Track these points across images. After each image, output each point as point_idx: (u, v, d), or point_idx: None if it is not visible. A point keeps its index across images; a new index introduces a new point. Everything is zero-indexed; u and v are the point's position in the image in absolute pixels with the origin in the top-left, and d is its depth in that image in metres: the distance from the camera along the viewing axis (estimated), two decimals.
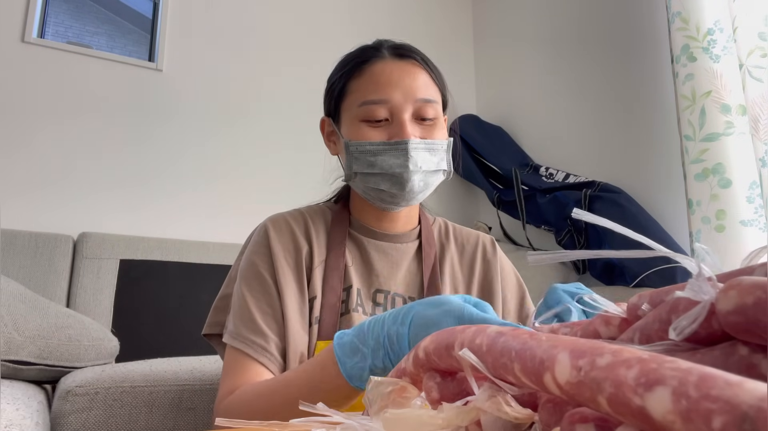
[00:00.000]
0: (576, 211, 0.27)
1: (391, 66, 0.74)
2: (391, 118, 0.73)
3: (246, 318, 0.70)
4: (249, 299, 0.71)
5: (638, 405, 0.15)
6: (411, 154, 0.70)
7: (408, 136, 0.71)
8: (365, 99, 0.73)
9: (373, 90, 0.73)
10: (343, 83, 0.77)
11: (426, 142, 0.72)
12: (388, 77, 0.73)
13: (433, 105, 0.74)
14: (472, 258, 0.84)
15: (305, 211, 0.81)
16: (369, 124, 0.73)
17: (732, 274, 0.23)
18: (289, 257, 0.74)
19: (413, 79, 0.74)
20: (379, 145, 0.71)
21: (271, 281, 0.72)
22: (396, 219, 0.81)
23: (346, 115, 0.76)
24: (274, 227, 0.76)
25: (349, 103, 0.75)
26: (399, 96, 0.72)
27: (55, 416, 0.92)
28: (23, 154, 1.75)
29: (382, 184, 0.72)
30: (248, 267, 0.74)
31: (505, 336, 0.23)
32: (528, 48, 2.45)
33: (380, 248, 0.79)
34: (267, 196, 2.06)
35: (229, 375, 0.68)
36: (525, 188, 2.18)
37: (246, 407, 0.61)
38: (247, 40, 2.21)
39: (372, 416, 0.28)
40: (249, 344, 0.68)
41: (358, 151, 0.73)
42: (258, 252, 0.74)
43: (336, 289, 0.74)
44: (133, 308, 1.60)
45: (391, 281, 0.78)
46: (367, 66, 0.75)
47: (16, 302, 1.05)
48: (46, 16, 1.95)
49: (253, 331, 0.69)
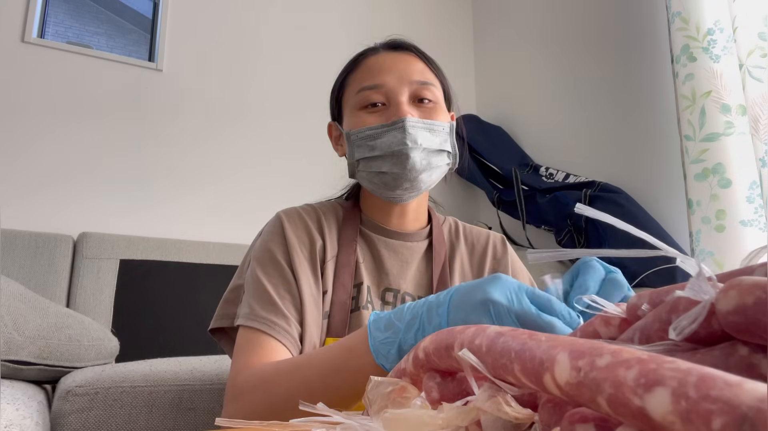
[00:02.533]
0: (579, 206, 0.27)
1: (385, 56, 0.77)
2: (388, 102, 0.73)
3: (264, 300, 0.68)
4: (267, 283, 0.69)
5: (638, 406, 0.15)
6: (409, 131, 0.70)
7: (405, 114, 0.71)
8: (361, 86, 0.74)
9: (368, 77, 0.74)
10: (342, 80, 0.79)
11: (425, 122, 0.72)
12: (382, 65, 0.75)
13: (431, 88, 0.75)
14: (482, 257, 0.84)
15: (317, 206, 0.81)
16: (366, 110, 0.74)
17: (732, 274, 0.23)
18: (305, 249, 0.73)
19: (407, 64, 0.75)
20: (378, 128, 0.72)
21: (288, 268, 0.71)
22: (405, 214, 0.80)
23: (346, 109, 0.77)
24: (289, 219, 0.76)
25: (348, 96, 0.77)
26: (393, 80, 0.73)
27: (55, 416, 0.92)
28: (23, 154, 1.75)
29: (384, 165, 0.72)
30: (264, 254, 0.73)
31: (504, 337, 0.23)
32: (528, 48, 2.45)
33: (390, 246, 0.79)
34: (267, 195, 2.06)
35: (243, 353, 0.64)
36: (525, 188, 2.18)
37: (265, 384, 0.58)
38: (247, 40, 2.21)
39: (372, 416, 0.28)
40: (268, 324, 0.65)
41: (358, 138, 0.73)
42: (274, 241, 0.73)
43: (346, 286, 0.73)
44: (133, 308, 1.60)
45: (400, 280, 0.77)
46: (363, 59, 0.78)
47: (16, 302, 1.05)
48: (46, 16, 1.95)
49: (273, 312, 0.66)
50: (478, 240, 0.86)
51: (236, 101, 2.14)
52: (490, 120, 2.53)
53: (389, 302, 0.76)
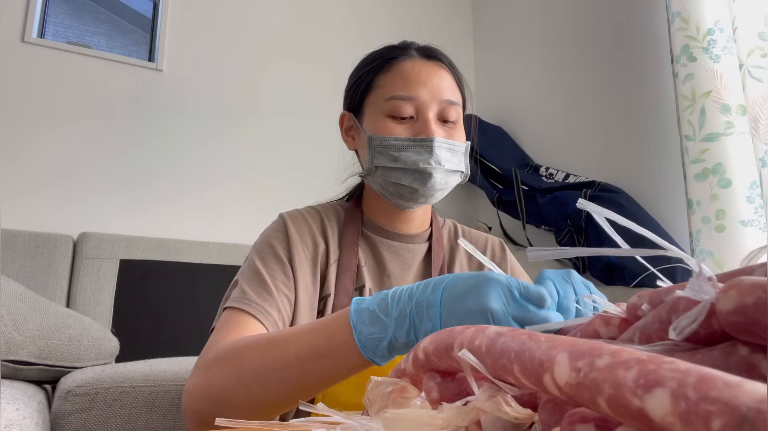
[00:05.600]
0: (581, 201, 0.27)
1: (420, 65, 0.76)
2: (417, 115, 0.73)
3: (259, 287, 0.67)
4: (264, 272, 0.68)
5: (638, 407, 0.15)
6: (435, 151, 0.71)
7: (434, 133, 0.72)
8: (393, 94, 0.74)
9: (402, 86, 0.74)
10: (371, 78, 0.78)
11: (448, 142, 0.73)
12: (417, 75, 0.74)
13: (456, 107, 0.76)
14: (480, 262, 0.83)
15: (320, 209, 0.81)
16: (394, 120, 0.73)
17: (732, 274, 0.23)
18: (307, 250, 0.74)
19: (440, 80, 0.75)
20: (405, 140, 0.72)
21: (288, 264, 0.70)
22: (410, 220, 0.80)
23: (371, 109, 0.76)
24: (293, 220, 0.76)
25: (375, 97, 0.76)
26: (426, 95, 0.73)
27: (55, 416, 0.92)
28: (23, 153, 1.75)
29: (404, 178, 0.72)
30: (264, 247, 0.72)
31: (504, 337, 0.23)
32: (528, 48, 2.45)
33: (393, 248, 0.79)
34: (267, 196, 2.06)
35: (222, 329, 0.63)
36: (525, 188, 2.18)
37: (237, 358, 0.56)
38: (247, 40, 2.21)
39: (372, 416, 0.28)
40: (256, 307, 0.64)
41: (382, 145, 0.73)
42: (276, 237, 0.73)
43: (348, 290, 0.73)
44: (133, 308, 1.60)
45: (402, 282, 0.78)
46: (396, 63, 0.76)
47: (16, 302, 1.05)
48: (46, 16, 1.95)
49: (263, 298, 0.65)
50: (477, 244, 0.86)
51: (236, 101, 2.14)
52: (490, 120, 2.53)
53: None
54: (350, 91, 0.82)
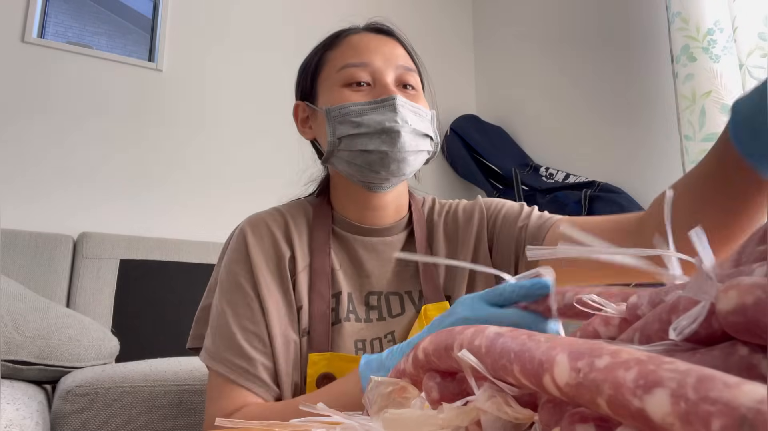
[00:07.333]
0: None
1: (368, 36, 0.74)
2: (374, 82, 0.70)
3: (226, 337, 0.65)
4: (229, 315, 0.65)
5: (637, 407, 0.15)
6: (399, 109, 0.66)
7: (394, 92, 0.68)
8: (346, 62, 0.70)
9: (353, 54, 0.71)
10: (319, 57, 0.76)
11: (412, 104, 0.69)
12: (367, 44, 0.72)
13: (414, 75, 0.73)
14: (467, 226, 0.77)
15: (285, 210, 0.75)
16: (350, 88, 0.69)
17: (732, 274, 0.23)
18: (271, 264, 0.68)
19: (392, 48, 0.73)
20: (365, 104, 0.67)
21: (253, 293, 0.66)
22: (383, 207, 0.74)
23: (325, 84, 0.72)
24: (253, 233, 0.70)
25: (327, 73, 0.72)
26: (380, 60, 0.70)
27: (55, 416, 0.92)
28: (23, 154, 1.75)
29: (371, 143, 0.66)
30: (227, 277, 0.69)
31: (503, 338, 0.23)
32: (528, 48, 2.45)
33: (368, 245, 0.73)
34: (267, 196, 2.06)
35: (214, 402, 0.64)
36: (525, 188, 2.18)
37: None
38: (247, 40, 2.21)
39: (372, 416, 0.28)
40: (231, 367, 0.63)
41: (341, 114, 0.68)
42: (237, 261, 0.69)
43: (324, 295, 0.68)
44: (133, 308, 1.60)
45: (383, 280, 0.72)
46: (344, 37, 0.75)
47: (16, 302, 1.05)
48: (46, 16, 1.95)
49: (236, 353, 0.64)
50: (465, 210, 0.80)
51: (236, 101, 2.14)
52: (490, 120, 2.53)
53: (374, 306, 0.71)
54: (300, 77, 0.78)
